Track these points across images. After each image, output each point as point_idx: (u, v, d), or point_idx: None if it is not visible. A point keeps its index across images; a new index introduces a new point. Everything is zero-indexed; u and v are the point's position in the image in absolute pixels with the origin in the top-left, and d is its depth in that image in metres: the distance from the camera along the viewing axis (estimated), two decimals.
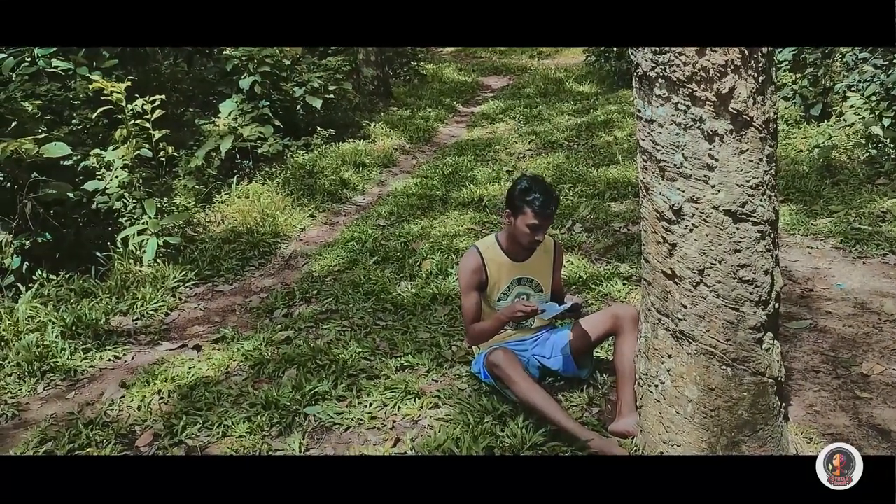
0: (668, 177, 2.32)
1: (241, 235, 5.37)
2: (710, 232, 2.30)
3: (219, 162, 6.34)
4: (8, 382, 3.54)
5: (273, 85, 7.37)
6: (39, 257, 4.65)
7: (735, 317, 2.35)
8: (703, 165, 2.25)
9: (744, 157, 2.23)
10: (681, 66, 2.16)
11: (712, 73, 2.14)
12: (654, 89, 2.25)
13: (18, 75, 5.65)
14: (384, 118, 9.21)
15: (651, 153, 2.34)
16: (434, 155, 7.94)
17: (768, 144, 2.25)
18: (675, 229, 2.36)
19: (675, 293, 2.43)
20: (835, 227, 4.77)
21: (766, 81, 2.20)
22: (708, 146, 2.22)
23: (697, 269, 2.35)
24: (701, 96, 2.17)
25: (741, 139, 2.21)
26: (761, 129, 2.21)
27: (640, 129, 2.37)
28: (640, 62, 2.27)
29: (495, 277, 3.17)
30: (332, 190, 6.46)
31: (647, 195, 2.42)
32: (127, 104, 5.01)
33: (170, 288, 4.57)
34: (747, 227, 2.29)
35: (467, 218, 5.57)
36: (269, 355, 3.65)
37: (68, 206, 4.90)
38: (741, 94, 2.16)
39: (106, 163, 5.18)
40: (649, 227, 2.46)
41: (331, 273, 4.77)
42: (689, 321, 2.41)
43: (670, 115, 2.25)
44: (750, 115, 2.18)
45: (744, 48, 2.12)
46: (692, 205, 2.30)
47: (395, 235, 5.29)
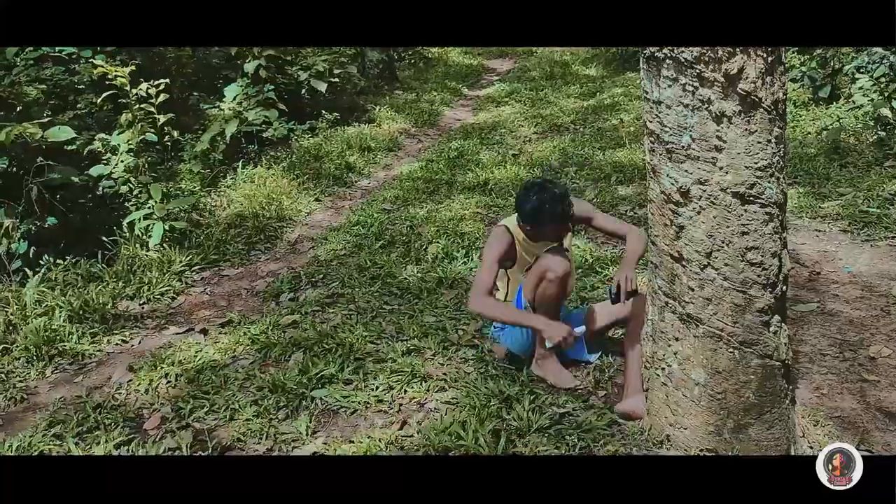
0: (676, 159, 2.30)
1: (247, 220, 5.36)
2: (718, 214, 2.29)
3: (224, 146, 6.33)
4: (17, 366, 3.55)
5: (278, 69, 7.34)
6: (46, 242, 4.66)
7: (742, 300, 2.34)
8: (710, 147, 2.23)
9: (752, 139, 2.21)
10: (689, 47, 2.14)
11: (721, 53, 2.12)
12: (661, 70, 2.23)
13: (23, 59, 5.65)
14: (389, 102, 9.18)
15: (658, 135, 2.32)
16: (439, 139, 7.91)
17: (777, 126, 2.23)
18: (683, 212, 2.34)
19: (682, 276, 2.42)
20: (843, 210, 4.74)
21: (775, 62, 2.18)
22: (716, 128, 2.20)
23: (705, 252, 2.34)
24: (709, 77, 2.15)
25: (749, 120, 2.19)
26: (770, 111, 2.19)
27: (648, 111, 2.35)
28: None
29: (525, 257, 3.18)
30: (337, 174, 6.45)
31: (655, 177, 2.41)
32: (131, 88, 4.99)
33: (176, 272, 4.57)
34: (755, 209, 2.27)
35: (473, 202, 5.55)
36: (275, 339, 3.66)
37: (74, 190, 4.90)
38: (750, 74, 2.14)
39: (111, 147, 5.17)
40: (656, 210, 2.45)
41: (337, 257, 4.77)
42: (697, 304, 2.41)
43: (678, 96, 2.23)
44: (759, 96, 2.16)
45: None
46: (700, 187, 2.28)
47: (401, 219, 5.28)
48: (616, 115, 8.07)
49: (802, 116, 6.61)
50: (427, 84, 10.68)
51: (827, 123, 5.99)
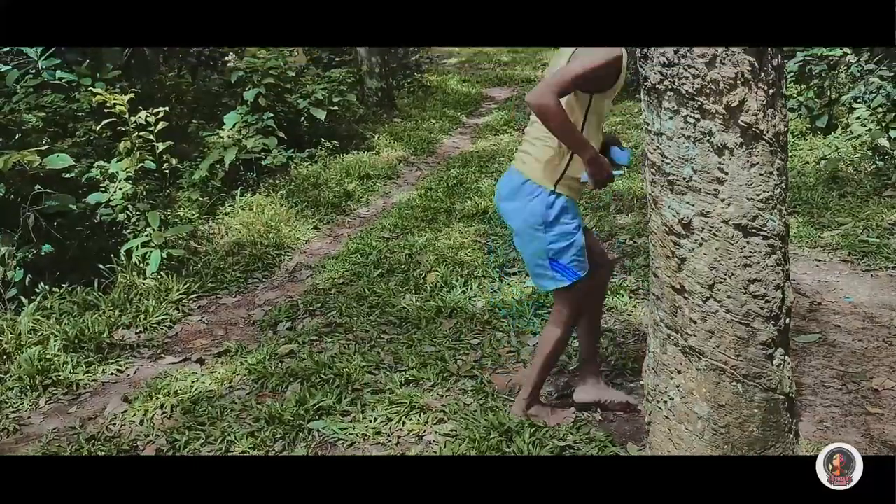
0: (678, 190, 2.29)
1: (245, 247, 5.34)
2: (720, 246, 2.27)
3: (223, 174, 6.32)
4: (9, 397, 3.51)
5: (277, 97, 7.37)
6: (42, 270, 4.63)
7: (745, 332, 2.32)
8: (712, 179, 2.22)
9: (754, 171, 2.20)
10: (690, 79, 2.14)
11: (722, 85, 2.11)
12: (662, 102, 2.23)
13: (23, 87, 5.66)
14: (388, 130, 9.20)
15: (660, 166, 2.31)
16: (438, 167, 7.92)
17: (779, 158, 2.22)
18: (685, 243, 2.33)
19: (684, 308, 2.40)
20: (842, 240, 4.74)
21: (777, 94, 2.18)
22: (718, 159, 2.19)
23: (707, 284, 2.32)
24: (710, 109, 2.15)
25: (751, 152, 2.18)
26: (772, 143, 2.19)
27: (649, 143, 2.35)
28: (648, 74, 2.24)
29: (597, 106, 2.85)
30: (336, 202, 6.44)
31: (656, 209, 2.39)
32: (130, 116, 5.00)
33: (173, 301, 4.55)
34: (758, 241, 2.26)
35: (472, 230, 5.54)
36: (272, 369, 3.62)
37: (71, 218, 4.88)
38: (751, 107, 2.13)
39: (109, 175, 5.16)
40: (658, 242, 2.43)
41: (335, 286, 4.74)
42: (699, 337, 2.38)
43: (679, 128, 2.22)
44: (760, 129, 2.15)
45: (754, 59, 2.10)
46: (702, 219, 2.27)
47: (400, 247, 5.26)
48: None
49: (800, 146, 6.63)
50: (426, 112, 10.71)
51: (825, 153, 6.01)
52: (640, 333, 3.80)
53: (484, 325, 4.02)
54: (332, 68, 10.02)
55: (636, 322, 3.95)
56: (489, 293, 4.41)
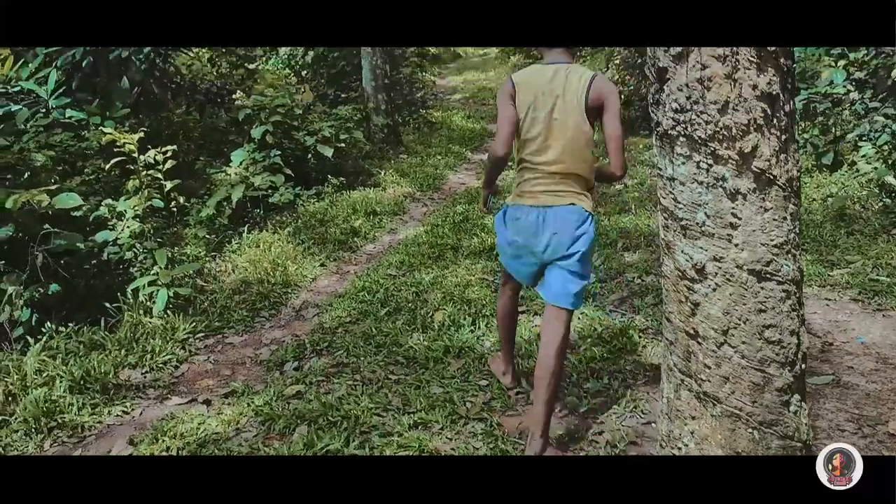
0: (691, 235, 2.28)
1: (252, 286, 5.33)
2: (734, 291, 2.25)
3: (229, 211, 6.33)
4: (14, 439, 3.47)
5: (284, 134, 7.41)
6: (49, 309, 4.61)
7: (761, 378, 2.29)
8: (726, 224, 2.21)
9: (767, 216, 2.19)
10: (702, 125, 2.14)
11: (735, 131, 2.11)
12: (675, 147, 2.23)
13: (33, 126, 5.70)
14: (394, 166, 9.24)
15: (672, 211, 2.31)
16: (444, 203, 7.94)
17: (792, 203, 2.21)
18: (698, 288, 2.31)
19: (698, 353, 2.38)
20: (852, 279, 4.71)
21: (789, 140, 2.18)
22: (731, 205, 2.18)
23: (721, 330, 2.30)
24: (723, 155, 2.14)
25: (765, 198, 2.17)
26: (785, 188, 2.18)
27: (661, 188, 2.34)
28: (660, 120, 2.24)
29: None
30: (342, 239, 6.44)
31: (669, 253, 2.38)
32: (139, 155, 5.03)
33: (179, 340, 4.52)
34: (772, 286, 2.24)
35: (479, 267, 5.53)
36: (279, 411, 3.59)
37: (79, 256, 4.88)
38: (764, 152, 2.13)
39: (117, 213, 5.18)
40: (671, 286, 2.42)
41: (342, 324, 4.72)
42: (714, 382, 2.35)
43: (692, 173, 2.21)
44: (773, 174, 2.15)
45: (766, 106, 2.10)
46: (715, 264, 2.25)
47: (407, 285, 5.25)
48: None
49: (806, 183, 6.63)
50: (431, 148, 10.77)
51: (832, 190, 6.01)
52: (650, 374, 3.77)
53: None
54: (339, 105, 10.11)
55: (646, 362, 3.91)
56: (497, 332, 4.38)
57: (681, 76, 2.13)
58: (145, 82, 6.75)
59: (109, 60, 6.37)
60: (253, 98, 7.39)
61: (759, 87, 2.08)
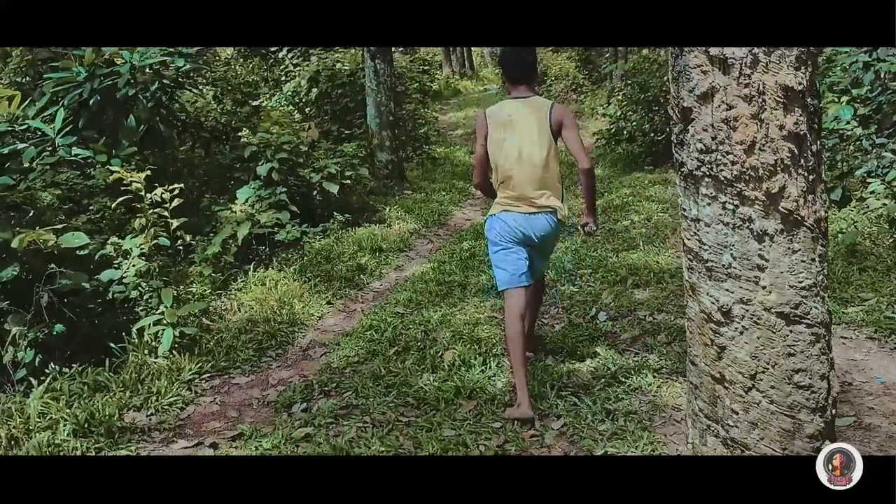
0: (716, 277, 2.23)
1: (258, 324, 5.27)
2: (762, 335, 2.20)
3: (235, 249, 6.29)
4: None
5: (290, 171, 7.40)
6: (53, 349, 4.55)
7: (791, 424, 2.23)
8: (752, 266, 2.16)
9: (795, 258, 2.14)
10: (728, 165, 2.11)
11: (761, 171, 2.08)
12: (700, 188, 2.19)
13: (39, 165, 5.69)
14: (399, 202, 9.23)
15: (697, 253, 2.26)
16: (450, 239, 7.90)
17: (820, 244, 2.17)
18: (725, 331, 2.26)
19: (724, 398, 2.31)
20: (867, 317, 4.65)
21: (817, 180, 2.14)
22: (758, 246, 2.14)
23: (749, 374, 2.24)
24: (750, 195, 2.11)
25: (792, 239, 2.13)
26: (813, 229, 2.14)
27: (686, 229, 2.30)
28: (685, 161, 2.21)
29: None
30: (349, 276, 6.39)
31: (694, 296, 2.33)
32: (146, 193, 5.00)
33: (185, 381, 4.45)
34: (801, 329, 2.19)
35: (488, 305, 5.47)
36: (288, 454, 3.50)
37: (84, 296, 4.82)
38: (792, 193, 2.09)
39: (123, 251, 5.13)
40: (696, 329, 2.36)
41: (350, 364, 4.65)
42: (741, 428, 2.29)
43: (717, 214, 2.17)
44: (801, 215, 2.11)
45: (793, 146, 2.06)
46: (742, 306, 2.20)
47: (415, 323, 5.18)
48: (626, 215, 8.08)
49: None
50: (435, 184, 10.78)
51: (841, 226, 5.97)
52: (666, 415, 3.69)
53: (506, 406, 3.90)
54: (343, 141, 10.14)
55: (662, 403, 3.83)
56: (508, 372, 4.31)
57: (706, 116, 2.10)
58: (151, 120, 6.74)
59: (116, 99, 6.37)
60: (258, 135, 7.39)
61: (786, 127, 2.05)
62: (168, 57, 6.81)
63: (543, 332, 4.87)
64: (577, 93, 20.64)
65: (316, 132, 8.65)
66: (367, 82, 10.29)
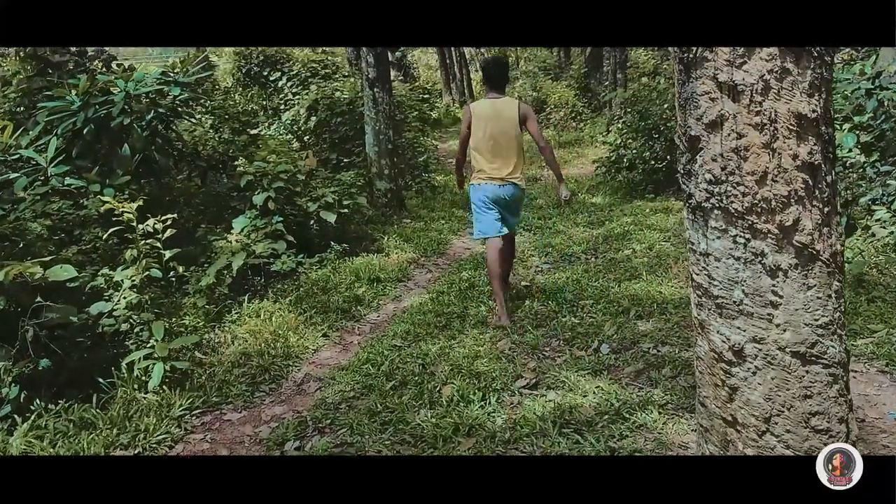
0: (727, 314, 2.11)
1: (252, 358, 5.13)
2: (777, 375, 2.07)
3: (230, 279, 6.16)
4: None
5: (287, 200, 7.30)
6: (38, 385, 4.41)
7: None
8: (766, 303, 2.04)
9: (811, 294, 2.02)
10: (739, 197, 1.99)
11: (774, 203, 1.97)
12: (709, 221, 2.08)
13: (30, 195, 5.59)
14: (398, 231, 9.13)
15: (707, 289, 2.14)
16: (449, 269, 7.78)
17: (836, 279, 2.05)
18: (736, 372, 2.13)
19: (737, 442, 2.18)
20: (877, 349, 4.52)
21: (832, 212, 2.03)
22: (771, 282, 2.03)
23: (763, 417, 2.11)
24: (762, 228, 2.00)
25: (807, 274, 2.01)
26: (828, 263, 2.02)
27: (694, 263, 2.18)
28: (693, 192, 2.10)
29: None
30: (345, 307, 6.26)
31: (703, 334, 2.21)
32: (138, 224, 4.89)
33: (175, 417, 4.30)
34: (818, 370, 2.06)
35: (487, 337, 5.33)
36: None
37: (72, 329, 4.69)
38: (806, 226, 1.98)
39: (114, 283, 5.01)
40: (706, 369, 2.24)
41: (345, 399, 4.51)
42: None
43: (728, 248, 2.06)
44: (816, 249, 2.00)
45: (807, 177, 1.96)
46: (755, 345, 2.08)
47: (412, 357, 5.04)
48: (628, 244, 7.97)
49: None
50: (434, 212, 10.68)
51: (848, 256, 5.85)
52: (673, 454, 3.54)
53: (506, 444, 3.76)
54: (342, 170, 10.06)
55: (668, 441, 3.69)
56: (509, 409, 4.17)
57: (715, 146, 1.99)
58: (147, 149, 6.66)
59: (111, 128, 6.30)
60: (255, 164, 7.30)
61: (799, 157, 1.94)
62: (164, 86, 6.75)
63: (544, 366, 4.73)
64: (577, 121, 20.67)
65: (314, 161, 8.57)
66: (365, 111, 10.23)
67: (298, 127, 12.71)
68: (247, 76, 16.27)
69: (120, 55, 9.64)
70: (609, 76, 18.95)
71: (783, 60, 1.93)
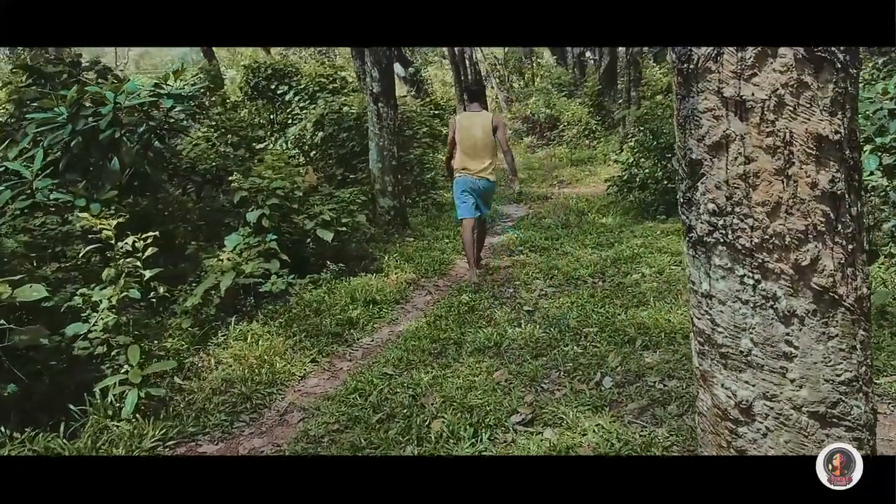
0: (733, 366, 1.82)
1: (234, 385, 4.86)
2: (791, 439, 1.78)
3: (218, 300, 5.91)
4: None
5: (282, 217, 7.06)
6: (6, 411, 4.17)
7: None
8: (778, 354, 1.75)
9: (832, 345, 1.73)
10: (747, 231, 1.71)
11: (788, 240, 1.68)
12: (712, 258, 1.79)
13: (12, 209, 5.38)
14: (399, 250, 8.87)
15: (709, 335, 1.85)
16: (449, 291, 7.50)
17: (862, 328, 1.76)
18: (744, 432, 1.84)
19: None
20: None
21: (857, 249, 1.74)
22: (784, 330, 1.74)
23: None
24: (774, 268, 1.71)
25: (828, 322, 1.72)
26: (853, 310, 1.73)
27: (695, 306, 1.89)
28: (693, 224, 1.82)
29: None
30: (337, 331, 5.98)
31: (706, 387, 1.92)
32: (117, 242, 4.66)
33: (146, 449, 4.04)
34: (840, 433, 1.77)
35: (484, 366, 5.04)
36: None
37: (43, 352, 4.45)
38: (827, 266, 1.69)
39: (92, 303, 4.78)
40: (708, 426, 1.95)
41: (328, 433, 4.23)
42: None
43: (734, 290, 1.77)
44: (838, 293, 1.71)
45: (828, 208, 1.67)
46: (765, 403, 1.79)
47: (403, 387, 4.76)
48: (637, 267, 7.66)
49: None
50: (439, 231, 10.42)
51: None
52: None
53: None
54: (346, 186, 9.83)
55: None
56: (502, 447, 3.88)
57: (719, 171, 1.71)
58: (138, 163, 6.44)
59: (100, 141, 6.09)
60: (249, 180, 7.07)
61: (819, 186, 1.65)
62: (157, 98, 6.54)
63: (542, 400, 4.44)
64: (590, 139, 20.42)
65: (314, 177, 8.36)
66: (370, 126, 10.01)
67: (304, 142, 12.51)
68: (254, 90, 16.11)
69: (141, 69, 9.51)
70: (623, 94, 18.70)
71: (800, 73, 1.65)
